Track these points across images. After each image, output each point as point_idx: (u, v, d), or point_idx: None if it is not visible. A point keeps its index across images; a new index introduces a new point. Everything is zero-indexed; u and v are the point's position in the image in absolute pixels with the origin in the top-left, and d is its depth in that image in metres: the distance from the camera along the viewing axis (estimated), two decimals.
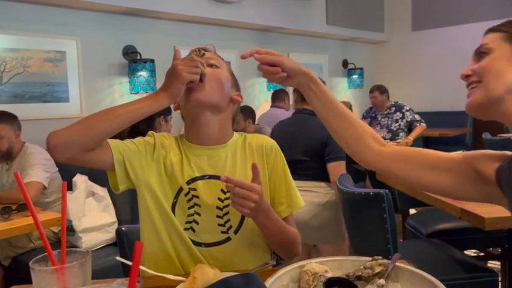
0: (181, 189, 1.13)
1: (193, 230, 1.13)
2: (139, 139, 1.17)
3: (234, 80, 1.24)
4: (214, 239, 1.14)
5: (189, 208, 1.13)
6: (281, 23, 5.23)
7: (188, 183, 1.13)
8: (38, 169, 2.56)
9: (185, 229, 1.13)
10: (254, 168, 1.05)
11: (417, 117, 4.75)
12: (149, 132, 1.21)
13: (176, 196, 1.13)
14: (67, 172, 2.72)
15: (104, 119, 1.02)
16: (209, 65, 1.15)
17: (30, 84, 3.47)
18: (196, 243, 1.13)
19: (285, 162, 1.24)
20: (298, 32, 5.65)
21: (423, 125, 4.73)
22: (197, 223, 1.13)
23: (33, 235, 2.55)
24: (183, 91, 1.06)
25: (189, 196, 1.13)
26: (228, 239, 1.14)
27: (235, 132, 1.23)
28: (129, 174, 1.12)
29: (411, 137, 4.64)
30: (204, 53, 1.09)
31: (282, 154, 1.24)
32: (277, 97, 4.70)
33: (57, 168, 2.72)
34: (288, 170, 1.24)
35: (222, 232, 1.14)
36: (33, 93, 3.49)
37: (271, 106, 4.73)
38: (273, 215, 1.10)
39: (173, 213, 1.13)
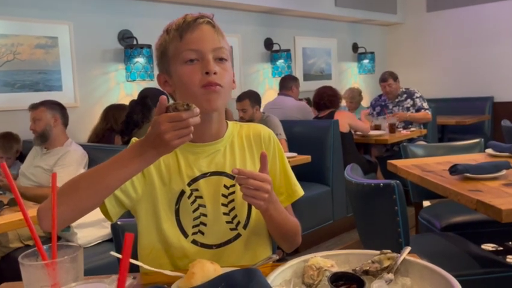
0: (182, 192, 1.12)
1: (202, 233, 1.13)
2: None
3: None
4: (225, 238, 1.14)
5: (194, 211, 1.12)
6: (287, 4, 5.20)
7: (189, 184, 1.13)
8: (69, 172, 2.67)
9: (194, 233, 1.12)
10: (263, 157, 1.05)
11: (425, 105, 4.73)
12: (133, 140, 1.14)
13: (178, 202, 1.13)
14: None
15: (92, 193, 0.98)
16: (220, 58, 1.10)
17: (21, 72, 3.48)
18: (206, 246, 1.13)
19: (283, 151, 1.25)
20: (305, 14, 5.62)
21: (429, 114, 4.71)
22: (205, 225, 1.13)
23: (23, 235, 2.58)
24: None
25: (192, 198, 1.12)
26: (238, 236, 1.15)
27: (229, 122, 1.22)
28: (122, 201, 1.10)
29: (408, 114, 4.64)
30: (194, 106, 0.91)
31: (280, 143, 1.25)
32: (283, 86, 4.69)
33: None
34: (286, 159, 1.25)
35: (231, 229, 1.14)
36: (24, 81, 3.50)
37: (279, 94, 4.73)
38: (279, 206, 1.11)
39: (178, 221, 1.12)
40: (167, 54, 1.12)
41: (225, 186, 1.14)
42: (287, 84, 4.67)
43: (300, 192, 1.24)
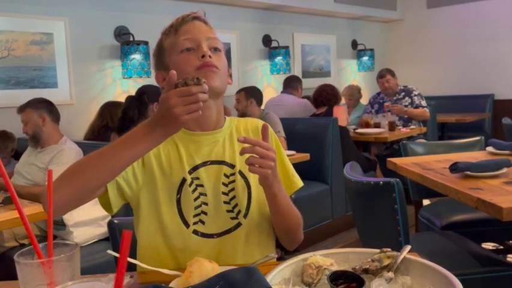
0: (184, 180, 1.14)
1: (203, 222, 1.14)
2: None
3: None
4: (225, 227, 1.15)
5: (195, 200, 1.14)
6: (285, 0, 5.20)
7: (190, 172, 1.15)
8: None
9: (195, 223, 1.13)
10: (264, 129, 1.08)
11: (423, 103, 4.73)
12: None
13: (179, 191, 1.14)
14: None
15: (98, 173, 0.98)
16: (214, 48, 1.15)
17: (15, 69, 3.47)
18: (207, 236, 1.14)
19: (280, 144, 1.28)
20: (304, 10, 5.62)
21: (428, 112, 4.71)
22: (205, 214, 1.14)
23: (19, 234, 2.58)
24: None
25: (193, 186, 1.14)
26: (239, 225, 1.16)
27: (226, 117, 1.26)
28: (123, 190, 1.11)
29: (408, 110, 4.64)
30: (204, 81, 0.92)
31: (276, 136, 1.28)
32: (289, 85, 4.76)
33: None
34: (284, 152, 1.28)
35: (232, 218, 1.16)
36: (18, 78, 3.49)
37: (282, 92, 4.76)
38: (283, 188, 1.14)
39: (179, 210, 1.13)
40: (164, 48, 1.18)
41: (225, 175, 1.17)
42: (294, 84, 4.74)
43: (299, 183, 1.27)
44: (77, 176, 0.99)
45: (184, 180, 1.14)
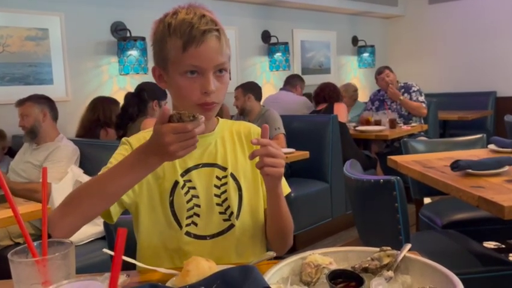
0: (176, 184, 1.16)
1: (195, 224, 1.16)
2: (117, 156, 1.15)
3: None
4: (218, 229, 1.17)
5: (188, 202, 1.16)
6: None
7: (182, 175, 1.17)
8: (60, 168, 2.68)
9: (187, 225, 1.15)
10: (264, 129, 1.08)
11: (421, 99, 4.72)
12: (123, 140, 1.19)
13: (172, 193, 1.16)
14: None
15: (97, 202, 1.01)
16: (220, 70, 1.10)
17: (10, 65, 3.46)
18: (200, 237, 1.16)
19: None
20: (304, 6, 5.61)
21: (424, 108, 4.70)
22: (198, 215, 1.16)
23: (13, 233, 2.58)
24: None
25: (185, 189, 1.16)
26: (232, 226, 1.18)
27: (220, 119, 1.26)
28: (122, 199, 1.13)
29: (404, 99, 4.63)
30: (200, 117, 0.91)
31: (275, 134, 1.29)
32: (288, 82, 4.79)
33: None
34: None
35: (224, 220, 1.18)
36: (13, 74, 3.49)
37: (281, 89, 4.76)
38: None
39: (173, 212, 1.15)
40: (167, 55, 1.10)
41: (217, 177, 1.19)
42: (293, 81, 4.76)
43: (287, 189, 1.27)
44: (79, 206, 1.01)
45: (176, 183, 1.16)
